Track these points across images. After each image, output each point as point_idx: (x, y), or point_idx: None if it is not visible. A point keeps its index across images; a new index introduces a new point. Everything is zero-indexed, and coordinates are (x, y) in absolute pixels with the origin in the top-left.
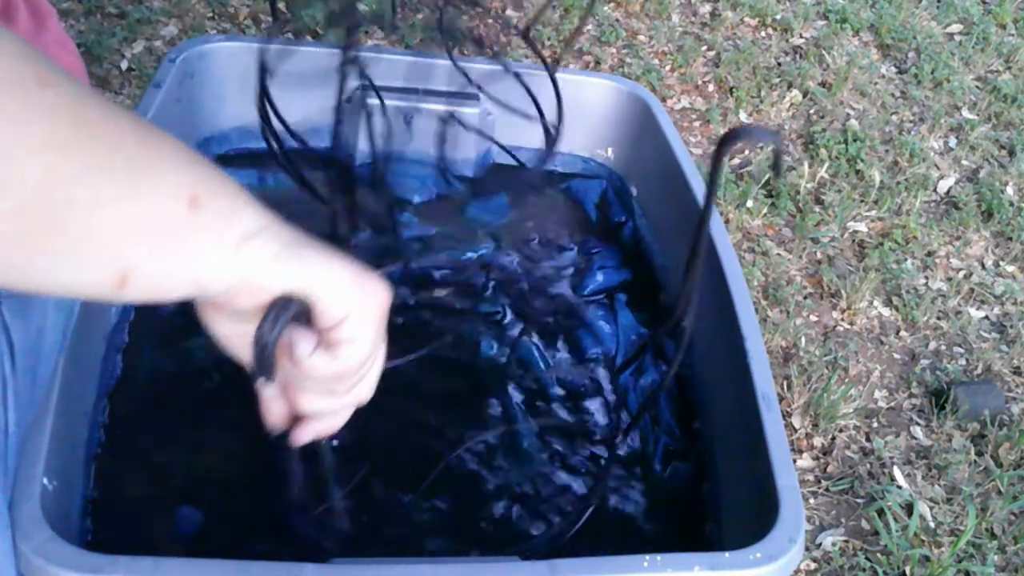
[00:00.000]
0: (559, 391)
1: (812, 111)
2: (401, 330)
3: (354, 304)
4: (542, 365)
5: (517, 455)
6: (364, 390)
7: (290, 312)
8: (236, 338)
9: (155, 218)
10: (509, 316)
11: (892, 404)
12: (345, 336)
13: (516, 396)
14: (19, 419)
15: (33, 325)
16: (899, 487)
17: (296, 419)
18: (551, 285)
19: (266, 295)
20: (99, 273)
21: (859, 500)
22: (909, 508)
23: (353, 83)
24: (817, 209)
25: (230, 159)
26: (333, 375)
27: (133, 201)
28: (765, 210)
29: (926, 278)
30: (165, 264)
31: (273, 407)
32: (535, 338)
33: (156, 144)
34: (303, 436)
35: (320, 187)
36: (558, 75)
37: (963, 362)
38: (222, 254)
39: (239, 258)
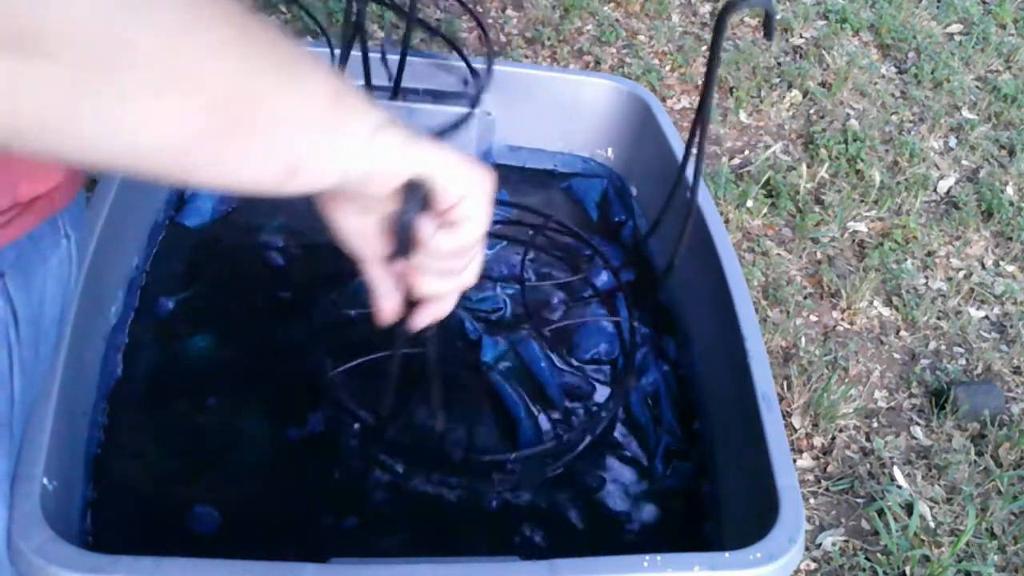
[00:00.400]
0: (560, 389)
1: (812, 111)
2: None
3: (468, 186)
4: (543, 364)
5: (519, 451)
6: (470, 274)
7: (421, 194)
8: (360, 233)
9: (313, 111)
10: (511, 314)
11: (892, 404)
12: (462, 215)
13: (518, 392)
14: (25, 387)
15: (35, 297)
16: (899, 487)
17: (408, 311)
18: (554, 284)
19: (395, 181)
20: (273, 165)
21: (859, 500)
22: (909, 508)
23: (353, 83)
24: (817, 209)
25: None
26: (453, 251)
27: (297, 96)
28: (765, 210)
29: (926, 278)
30: (322, 153)
31: (387, 303)
32: (536, 336)
33: (294, 46)
34: (421, 321)
35: None
36: (558, 75)
37: (963, 362)
38: (361, 143)
39: (374, 146)
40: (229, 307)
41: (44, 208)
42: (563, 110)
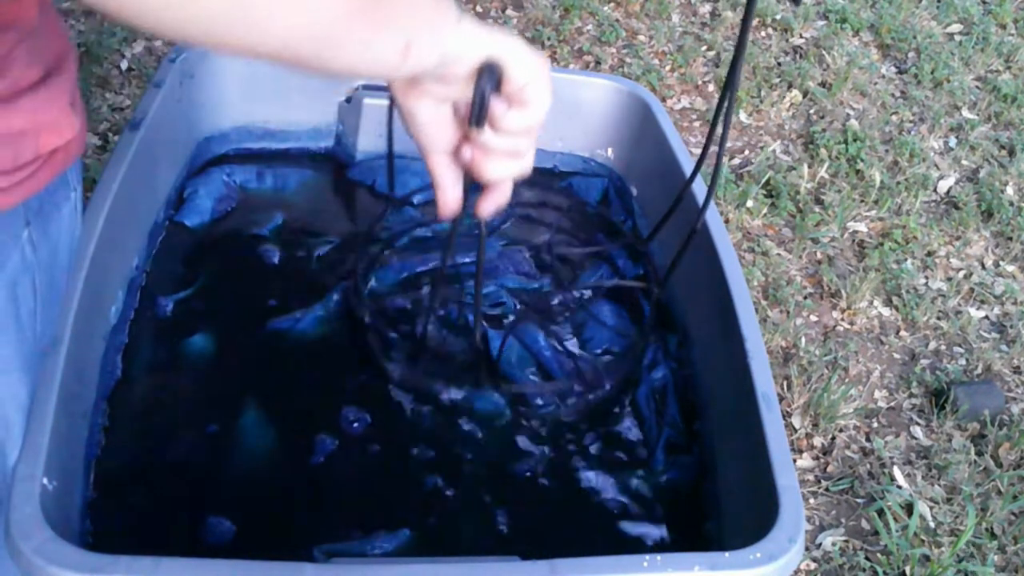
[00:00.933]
0: (568, 378)
1: (812, 111)
2: (403, 319)
3: (535, 69)
4: (548, 353)
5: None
6: (528, 162)
7: (496, 73)
8: (434, 122)
9: (421, 2)
10: (512, 310)
11: (892, 404)
12: (530, 96)
13: (531, 379)
14: (43, 329)
15: (51, 245)
16: (899, 487)
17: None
18: (556, 280)
19: (475, 61)
20: (393, 44)
21: (859, 500)
22: (909, 508)
23: (354, 83)
24: (817, 209)
25: (230, 158)
26: (522, 129)
27: None
28: (765, 210)
29: (926, 278)
30: (429, 34)
31: (451, 193)
32: (542, 327)
33: None
34: (486, 209)
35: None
36: (558, 75)
37: (963, 362)
38: (451, 28)
39: (460, 32)
40: (229, 307)
41: (60, 161)
42: (563, 110)
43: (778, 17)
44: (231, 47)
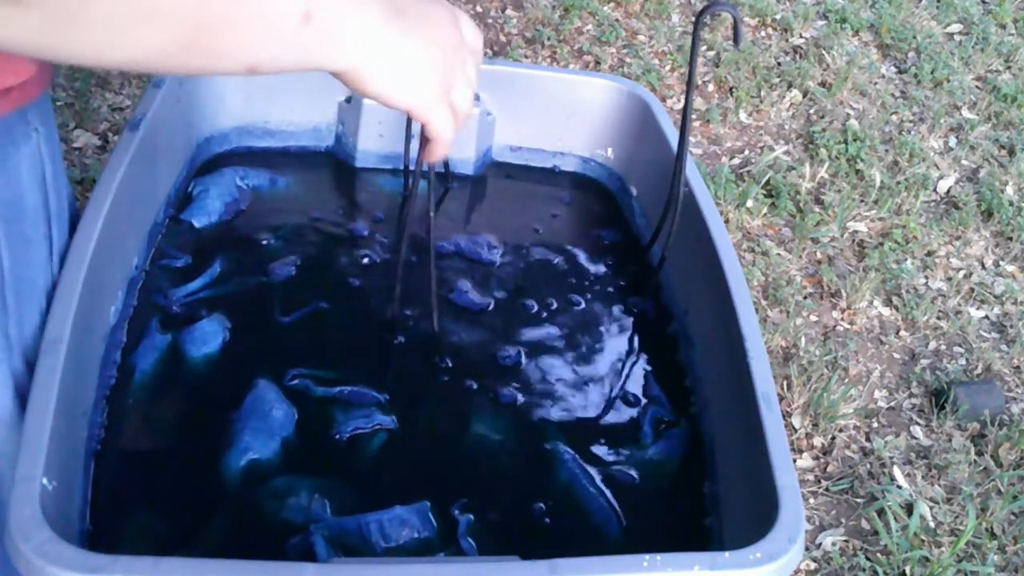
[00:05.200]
0: (563, 356)
1: (812, 111)
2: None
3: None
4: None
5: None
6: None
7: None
8: None
9: (273, 29)
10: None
11: (892, 404)
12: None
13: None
14: (15, 263)
15: (12, 177)
16: (899, 487)
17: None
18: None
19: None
20: (236, 67)
21: (859, 500)
22: (909, 508)
23: None
24: (817, 209)
25: (229, 158)
26: (442, 155)
27: (253, 21)
28: (765, 210)
29: (926, 278)
30: (281, 59)
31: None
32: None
33: None
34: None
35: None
36: (558, 75)
37: (963, 362)
38: (333, 54)
39: (347, 58)
40: (233, 305)
41: (16, 98)
42: (563, 110)
43: (778, 17)
44: (62, 63)
